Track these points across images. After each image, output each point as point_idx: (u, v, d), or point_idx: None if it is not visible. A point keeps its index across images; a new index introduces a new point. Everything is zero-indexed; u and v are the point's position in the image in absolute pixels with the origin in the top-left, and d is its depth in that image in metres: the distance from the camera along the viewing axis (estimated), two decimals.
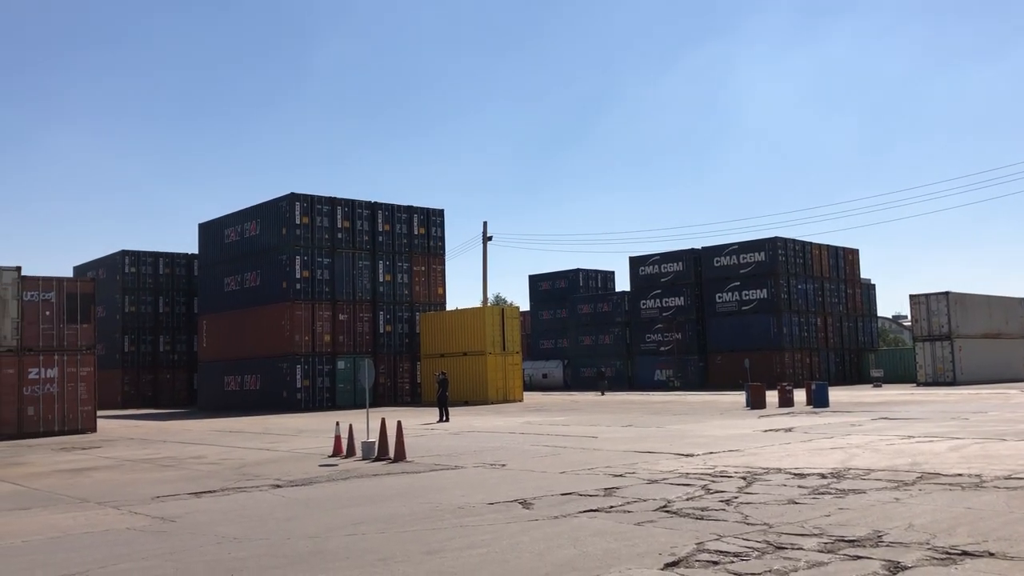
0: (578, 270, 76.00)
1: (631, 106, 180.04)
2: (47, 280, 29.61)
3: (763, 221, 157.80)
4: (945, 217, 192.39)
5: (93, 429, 29.59)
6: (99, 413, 31.88)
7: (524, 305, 78.20)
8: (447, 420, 29.33)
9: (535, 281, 78.55)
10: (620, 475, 13.54)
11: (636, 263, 63.90)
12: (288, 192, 44.44)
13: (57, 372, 29.14)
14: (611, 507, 10.55)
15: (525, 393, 48.86)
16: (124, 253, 57.35)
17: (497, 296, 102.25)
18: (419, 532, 9.37)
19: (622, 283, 74.95)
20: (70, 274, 59.64)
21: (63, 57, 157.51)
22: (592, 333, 67.58)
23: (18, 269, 28.86)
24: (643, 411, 32.08)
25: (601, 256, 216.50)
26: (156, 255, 58.54)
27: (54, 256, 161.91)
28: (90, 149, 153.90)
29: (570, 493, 11.79)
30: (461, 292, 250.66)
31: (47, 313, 29.20)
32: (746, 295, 57.20)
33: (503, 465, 15.58)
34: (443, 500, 11.59)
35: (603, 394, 51.01)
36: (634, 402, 40.24)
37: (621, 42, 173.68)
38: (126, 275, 57.10)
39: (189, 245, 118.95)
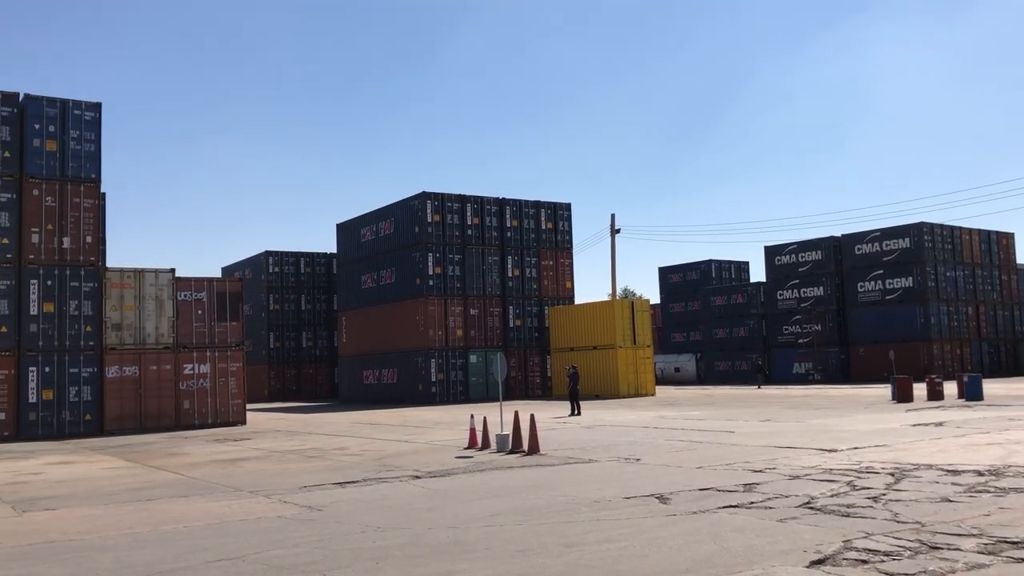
0: (710, 261, 74.44)
1: (763, 90, 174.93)
2: (199, 280, 31.37)
3: (906, 206, 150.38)
4: None
5: (243, 421, 31.21)
6: (248, 406, 33.58)
7: (654, 298, 77.33)
8: (579, 413, 29.35)
9: (665, 273, 77.51)
10: (759, 471, 13.21)
11: (772, 253, 62.16)
12: (420, 191, 45.48)
13: (209, 367, 30.85)
14: (751, 503, 10.30)
15: (657, 387, 48.30)
16: (268, 253, 60.10)
17: (625, 289, 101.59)
18: (556, 524, 9.42)
19: (756, 274, 73.03)
20: (219, 274, 63.13)
21: (207, 68, 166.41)
22: (726, 326, 66.11)
23: (172, 271, 30.70)
24: (782, 405, 31.17)
25: (733, 246, 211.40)
26: (297, 255, 61.10)
27: (204, 257, 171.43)
28: (235, 155, 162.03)
29: (708, 488, 11.58)
30: (589, 285, 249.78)
31: (199, 312, 30.93)
32: (890, 284, 54.68)
33: (638, 459, 15.46)
34: (579, 493, 11.61)
35: (760, 387, 50.09)
36: (772, 396, 39.15)
37: (752, 23, 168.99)
38: (270, 274, 59.84)
39: (327, 244, 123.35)
